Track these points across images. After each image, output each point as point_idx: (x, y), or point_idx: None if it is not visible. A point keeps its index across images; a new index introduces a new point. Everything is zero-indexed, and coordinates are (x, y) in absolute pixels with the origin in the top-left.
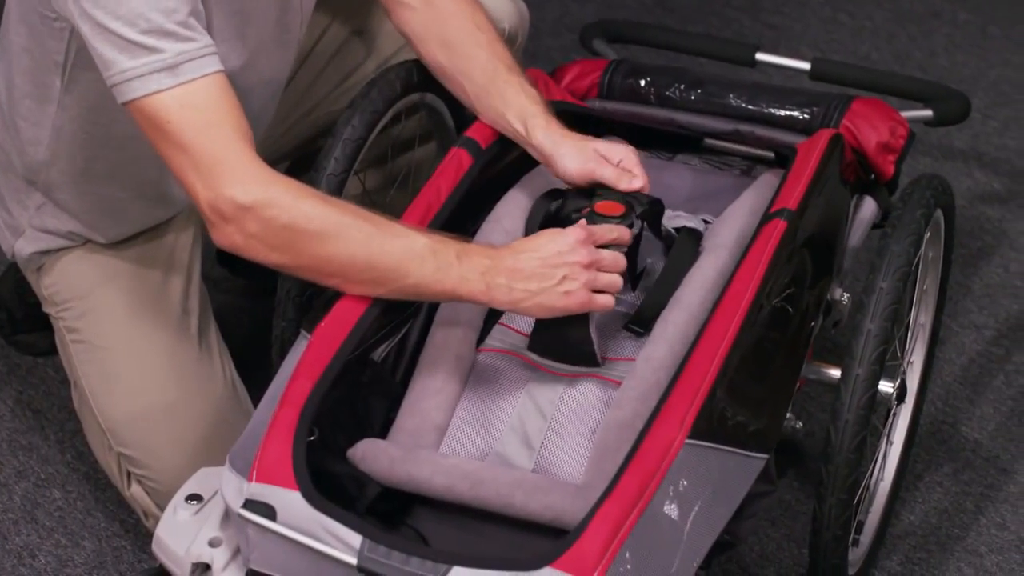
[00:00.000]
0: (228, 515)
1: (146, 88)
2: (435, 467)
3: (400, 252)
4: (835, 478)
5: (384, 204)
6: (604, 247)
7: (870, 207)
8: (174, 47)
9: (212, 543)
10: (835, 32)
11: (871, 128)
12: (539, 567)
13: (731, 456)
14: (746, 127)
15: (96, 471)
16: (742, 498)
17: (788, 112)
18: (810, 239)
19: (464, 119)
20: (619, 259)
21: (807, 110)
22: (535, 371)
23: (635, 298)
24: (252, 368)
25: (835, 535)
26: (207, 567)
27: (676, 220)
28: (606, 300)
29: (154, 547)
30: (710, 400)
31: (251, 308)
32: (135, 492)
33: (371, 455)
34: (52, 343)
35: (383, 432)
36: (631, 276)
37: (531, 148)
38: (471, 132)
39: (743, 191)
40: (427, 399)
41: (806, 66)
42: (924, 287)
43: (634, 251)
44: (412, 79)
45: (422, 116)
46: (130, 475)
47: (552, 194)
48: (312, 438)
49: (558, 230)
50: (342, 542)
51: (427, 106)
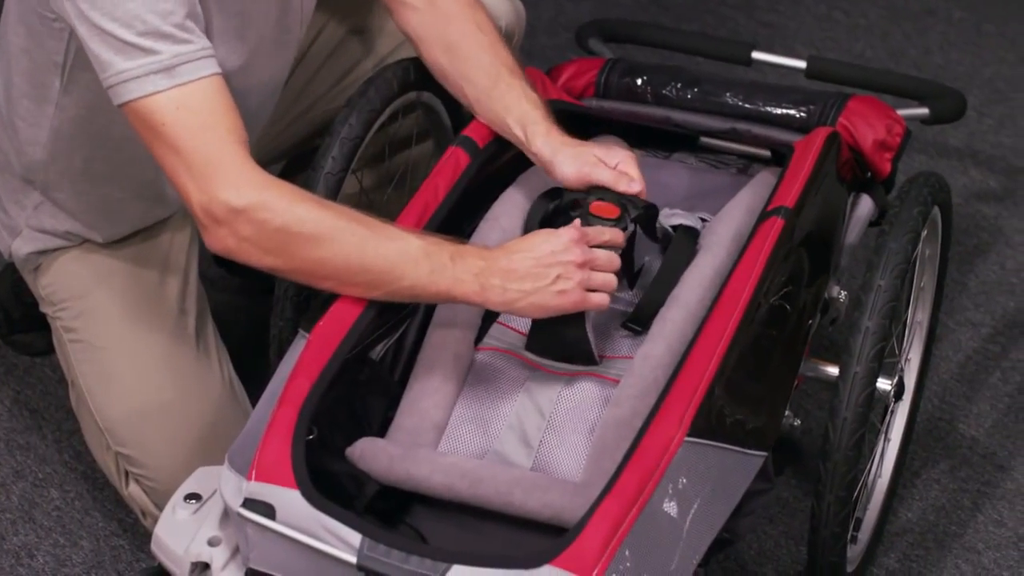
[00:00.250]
0: (227, 514)
1: (142, 90)
2: (434, 465)
3: (394, 255)
4: (833, 475)
5: (381, 203)
6: (598, 247)
7: (867, 205)
8: (170, 49)
9: (211, 542)
10: (830, 30)
11: (868, 126)
12: (538, 565)
13: (730, 454)
14: (743, 126)
15: (94, 471)
16: (741, 495)
17: (784, 110)
18: (807, 237)
19: (461, 117)
20: (613, 258)
21: (803, 108)
22: (533, 370)
23: (633, 296)
24: (249, 367)
25: (833, 532)
26: (206, 566)
27: (673, 218)
28: (600, 299)
29: (153, 546)
30: (709, 398)
31: (248, 307)
32: (133, 491)
33: (370, 454)
34: (49, 343)
35: (381, 431)
36: (628, 274)
37: (531, 154)
38: (468, 131)
39: (740, 189)
40: (426, 398)
41: (802, 64)
42: (921, 284)
43: (629, 250)
44: (409, 78)
45: (419, 115)
46: (128, 474)
47: (550, 194)
48: (311, 437)
49: (551, 230)
50: (342, 541)
51: (424, 105)
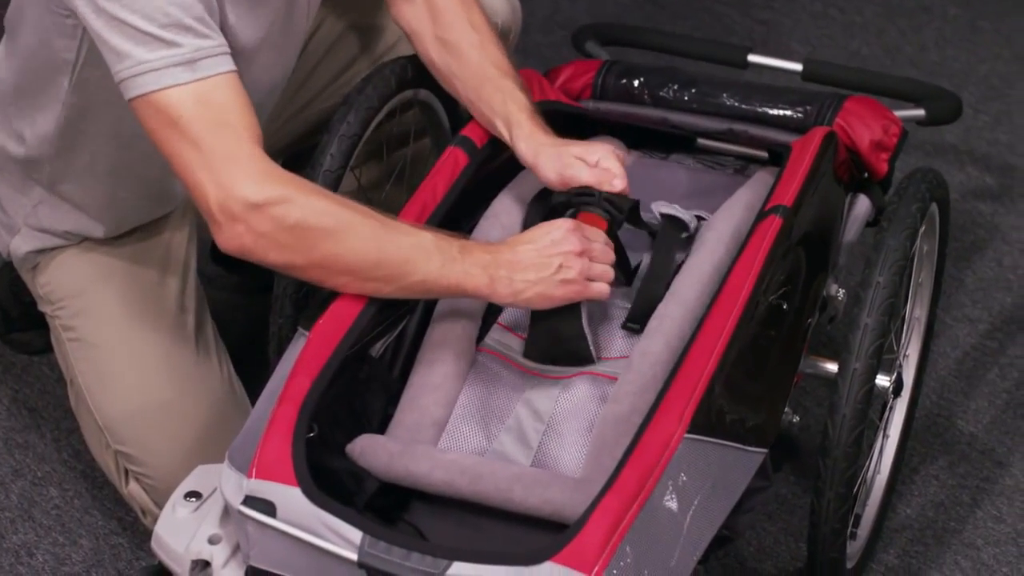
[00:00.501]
0: (227, 512)
1: (161, 82)
2: (434, 462)
3: (407, 248)
4: (833, 472)
5: (379, 200)
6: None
7: (864, 204)
8: (192, 42)
9: (211, 540)
10: (825, 27)
11: (864, 126)
12: (540, 561)
13: (730, 450)
14: (740, 126)
15: (93, 469)
16: (741, 492)
17: (781, 111)
18: (806, 235)
19: (458, 115)
20: (608, 251)
21: (800, 109)
22: (531, 378)
23: (628, 292)
24: (247, 365)
25: (833, 528)
26: (207, 564)
27: (664, 208)
28: (601, 288)
29: (153, 544)
30: (709, 395)
31: (245, 305)
32: (133, 490)
33: (370, 450)
34: (47, 342)
35: (381, 428)
36: (624, 272)
37: (517, 155)
38: (467, 131)
39: (738, 188)
40: (426, 395)
41: (798, 67)
42: (919, 281)
43: (621, 249)
44: (407, 75)
45: (416, 112)
46: (128, 473)
47: (545, 193)
48: (311, 435)
49: (549, 222)
50: (342, 538)
51: (421, 102)
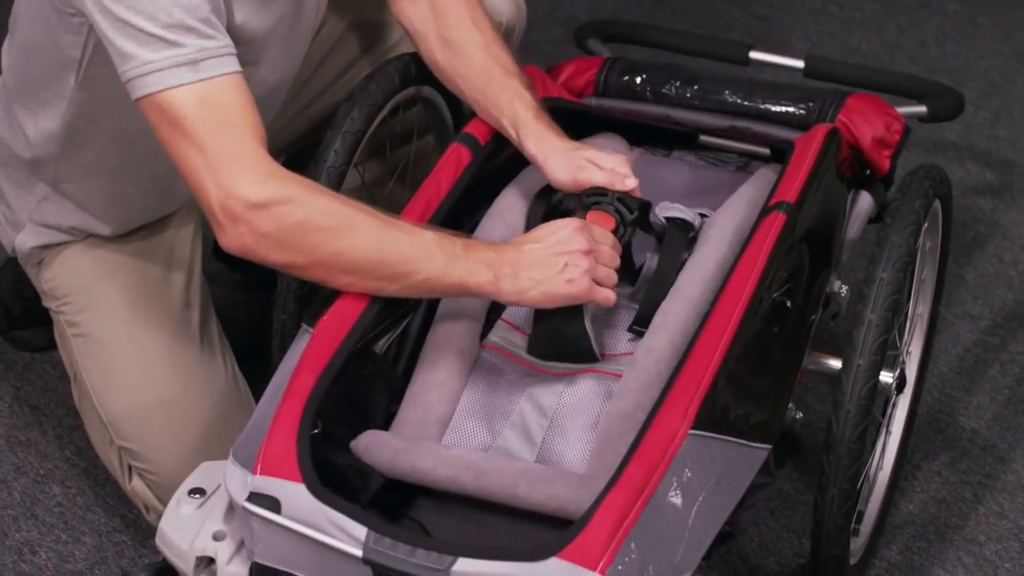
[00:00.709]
0: (232, 508)
1: (165, 83)
2: (438, 458)
3: (410, 247)
4: (837, 468)
5: (382, 197)
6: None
7: (866, 201)
8: (196, 43)
9: (216, 536)
10: (825, 24)
11: (866, 123)
12: (545, 557)
13: (734, 446)
14: (742, 123)
15: (96, 467)
16: (745, 488)
17: (784, 108)
18: (809, 232)
19: (461, 112)
20: (614, 255)
21: (802, 106)
22: (535, 374)
23: (633, 292)
24: (250, 361)
25: (837, 524)
26: (211, 560)
27: (669, 211)
28: (607, 294)
29: (158, 541)
30: (713, 391)
31: (247, 302)
32: (136, 486)
33: (374, 447)
34: (49, 339)
35: (385, 424)
36: (629, 274)
37: (526, 155)
38: (470, 128)
39: (740, 185)
40: (430, 391)
41: (800, 64)
42: (922, 277)
43: (628, 251)
44: (410, 72)
45: (419, 109)
46: (131, 469)
47: (548, 190)
48: (316, 431)
49: (556, 221)
50: (347, 534)
51: (424, 99)
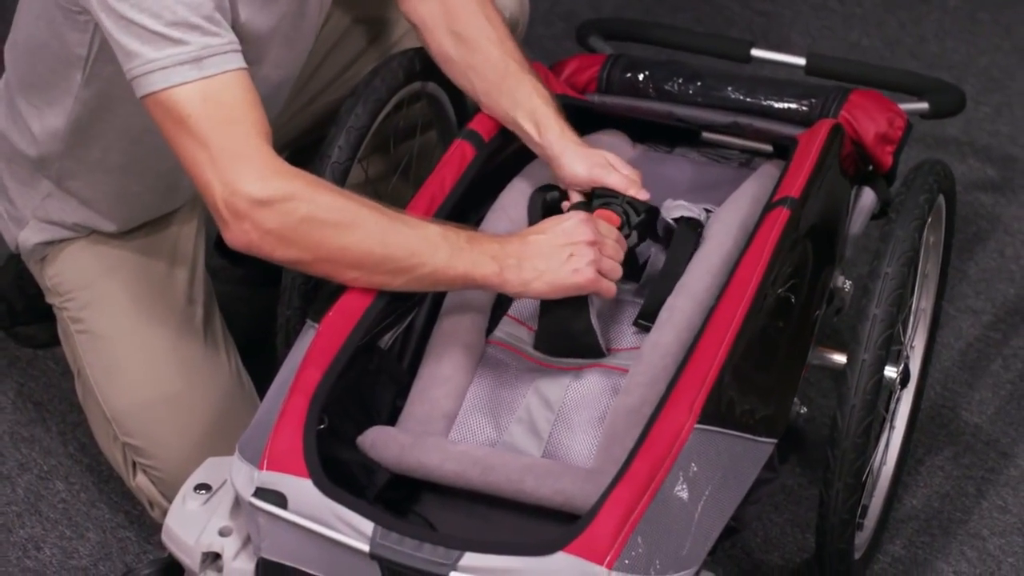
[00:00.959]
0: (238, 504)
1: (169, 80)
2: (445, 454)
3: (414, 241)
4: (842, 462)
5: (386, 192)
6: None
7: (869, 197)
8: (199, 40)
9: (222, 532)
10: (826, 19)
11: (869, 119)
12: (552, 552)
13: (740, 441)
14: (745, 119)
15: (99, 463)
16: (751, 482)
17: (786, 104)
18: (813, 228)
19: (464, 108)
20: (618, 248)
21: (805, 102)
22: (541, 369)
23: (638, 289)
24: (252, 357)
25: (842, 519)
26: (217, 556)
27: (676, 210)
28: (609, 286)
29: (164, 537)
30: (719, 385)
31: (250, 298)
32: (140, 482)
33: (381, 442)
34: (52, 335)
35: (390, 420)
36: (632, 272)
37: (537, 148)
38: (474, 124)
39: (743, 181)
40: (436, 387)
41: (801, 62)
42: (926, 272)
43: (631, 252)
44: (414, 67)
45: (423, 104)
46: (135, 465)
47: (548, 187)
48: (322, 426)
49: (561, 215)
50: (354, 529)
51: (428, 95)
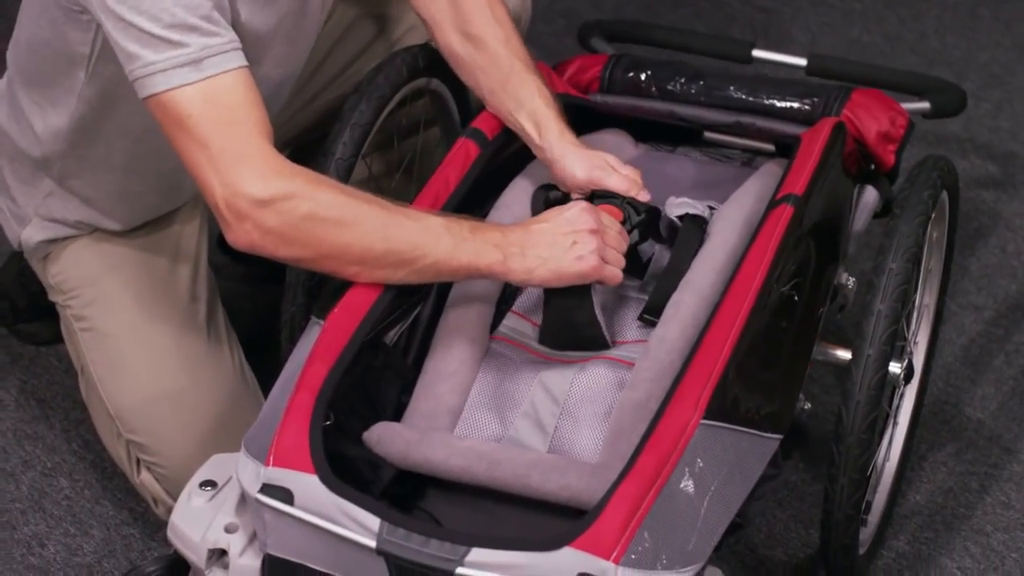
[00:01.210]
0: (244, 500)
1: (168, 83)
2: (451, 449)
3: (416, 233)
4: (847, 458)
5: (389, 188)
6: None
7: (872, 195)
8: (198, 41)
9: (228, 529)
10: (825, 15)
11: (871, 118)
12: (558, 547)
13: (745, 436)
14: (747, 119)
15: (103, 460)
16: (757, 478)
17: (788, 103)
18: (816, 225)
19: (467, 105)
20: (621, 238)
21: (807, 101)
22: (546, 362)
23: (643, 285)
24: (255, 354)
25: (847, 514)
26: (223, 553)
27: (680, 207)
28: (614, 272)
29: (169, 534)
30: (724, 381)
31: (252, 295)
32: (144, 479)
33: (387, 438)
34: (55, 332)
35: (396, 415)
36: (636, 267)
37: (538, 150)
38: (478, 123)
39: (746, 179)
40: (441, 382)
41: (803, 62)
42: (929, 267)
43: (633, 250)
44: (418, 64)
45: (426, 101)
46: (139, 462)
47: (551, 186)
48: (328, 423)
49: (563, 205)
50: (360, 525)
51: (432, 91)
